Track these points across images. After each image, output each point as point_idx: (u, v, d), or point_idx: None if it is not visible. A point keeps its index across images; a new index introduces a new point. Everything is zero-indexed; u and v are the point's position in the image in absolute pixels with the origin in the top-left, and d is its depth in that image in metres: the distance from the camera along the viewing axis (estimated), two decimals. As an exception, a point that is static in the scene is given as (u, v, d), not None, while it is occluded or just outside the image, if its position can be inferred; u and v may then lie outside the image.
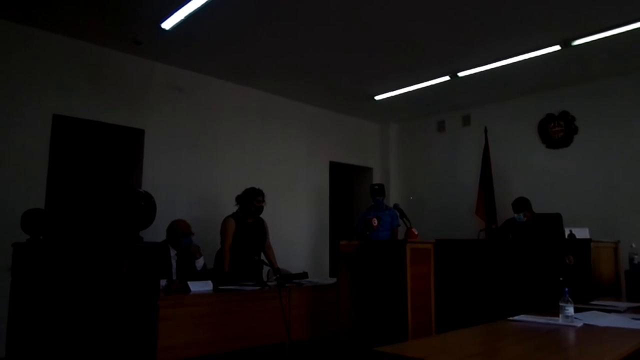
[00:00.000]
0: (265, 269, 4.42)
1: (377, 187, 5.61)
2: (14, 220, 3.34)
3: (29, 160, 4.24)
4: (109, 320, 2.72)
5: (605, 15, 4.07)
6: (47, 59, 4.41)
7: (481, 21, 4.20)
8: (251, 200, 4.29)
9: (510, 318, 2.46)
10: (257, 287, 3.60)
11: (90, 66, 4.67)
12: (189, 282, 3.31)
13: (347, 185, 7.84)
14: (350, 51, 4.85)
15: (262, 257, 4.35)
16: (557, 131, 5.86)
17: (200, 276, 3.79)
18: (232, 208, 4.41)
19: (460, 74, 5.40)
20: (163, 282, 3.31)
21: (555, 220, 4.52)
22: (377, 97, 6.26)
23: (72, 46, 4.55)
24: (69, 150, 5.28)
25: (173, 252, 3.88)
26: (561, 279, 3.87)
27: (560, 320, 2.31)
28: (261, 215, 4.44)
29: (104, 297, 2.77)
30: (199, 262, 3.98)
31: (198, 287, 3.33)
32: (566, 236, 4.06)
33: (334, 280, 4.09)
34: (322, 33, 4.44)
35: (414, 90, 5.95)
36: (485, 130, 6.25)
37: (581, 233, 4.05)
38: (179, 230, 3.91)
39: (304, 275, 4.24)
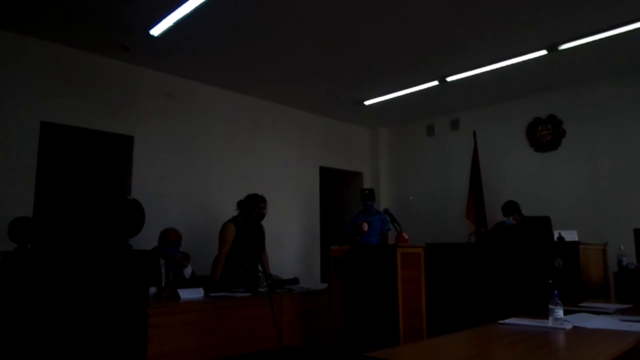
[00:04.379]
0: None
1: (367, 191, 5.61)
2: (2, 228, 3.31)
3: (16, 167, 4.20)
4: (98, 329, 2.69)
5: (591, 20, 4.13)
6: (33, 66, 4.37)
7: (469, 26, 4.24)
8: (253, 207, 4.23)
9: (501, 321, 2.48)
10: (248, 294, 3.58)
11: (78, 73, 4.63)
12: (178, 290, 3.29)
13: (338, 189, 7.84)
14: (340, 57, 4.87)
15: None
16: (545, 134, 5.92)
17: (189, 284, 3.75)
18: (223, 214, 4.38)
19: (449, 79, 5.44)
20: (153, 290, 3.29)
21: (544, 223, 4.55)
22: (367, 102, 6.28)
23: (60, 53, 4.52)
24: (57, 157, 5.23)
25: (162, 260, 3.86)
26: (550, 281, 3.89)
27: (549, 322, 2.32)
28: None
29: (92, 305, 2.75)
30: (187, 271, 3.91)
31: (188, 294, 3.31)
32: (555, 239, 4.09)
33: (325, 285, 4.09)
34: (311, 39, 4.46)
35: (403, 95, 5.99)
36: (474, 134, 6.29)
37: (570, 235, 4.07)
38: (165, 239, 3.89)
39: (295, 280, 4.23)
